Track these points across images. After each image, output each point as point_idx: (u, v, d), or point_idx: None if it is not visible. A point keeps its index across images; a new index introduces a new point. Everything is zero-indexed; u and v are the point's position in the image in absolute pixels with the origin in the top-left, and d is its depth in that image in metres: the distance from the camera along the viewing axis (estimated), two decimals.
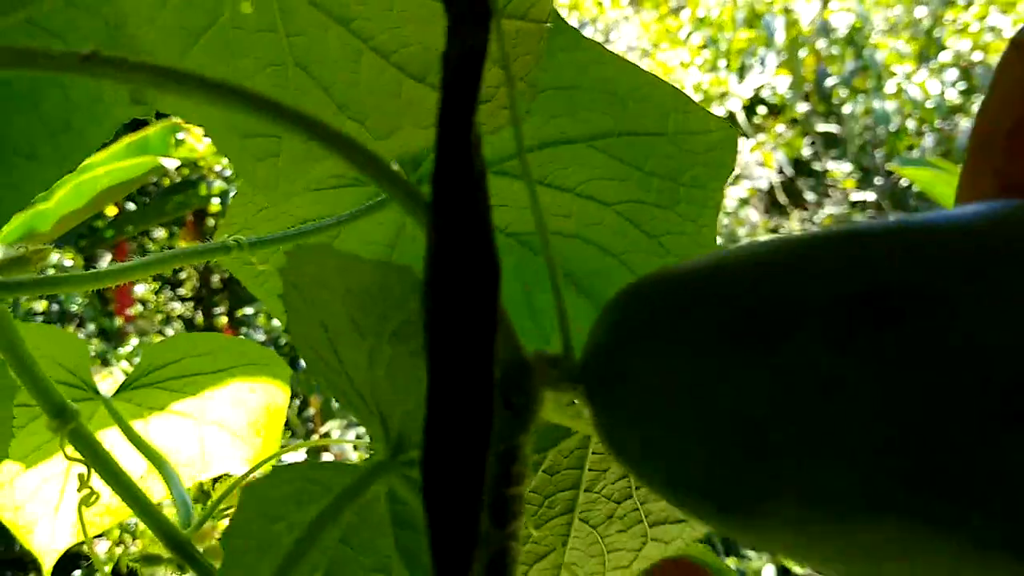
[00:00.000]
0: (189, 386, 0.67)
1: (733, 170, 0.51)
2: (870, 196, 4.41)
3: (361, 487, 0.33)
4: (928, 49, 4.60)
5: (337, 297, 0.31)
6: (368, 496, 0.34)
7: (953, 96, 4.42)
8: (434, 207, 0.23)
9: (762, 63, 4.52)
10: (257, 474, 0.63)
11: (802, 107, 4.52)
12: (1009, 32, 4.44)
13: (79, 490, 0.54)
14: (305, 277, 0.32)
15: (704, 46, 4.49)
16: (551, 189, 0.51)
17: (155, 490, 0.65)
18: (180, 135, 2.25)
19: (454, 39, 0.23)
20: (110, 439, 0.63)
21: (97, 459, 0.51)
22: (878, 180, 4.50)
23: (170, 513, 0.53)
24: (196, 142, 2.41)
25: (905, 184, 4.26)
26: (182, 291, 3.74)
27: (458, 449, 0.22)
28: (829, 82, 4.56)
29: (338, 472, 0.35)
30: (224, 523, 0.54)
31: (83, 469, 0.53)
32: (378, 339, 0.31)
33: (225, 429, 0.68)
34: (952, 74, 4.49)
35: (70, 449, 0.51)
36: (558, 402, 0.28)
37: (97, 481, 0.53)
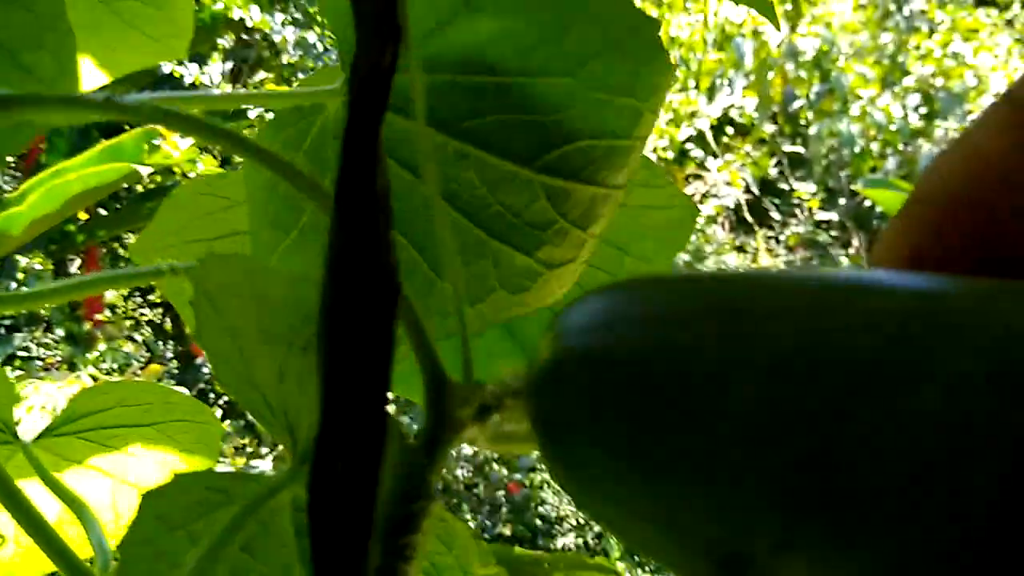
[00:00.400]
0: (113, 440, 0.63)
1: (685, 247, 0.51)
2: (834, 216, 4.49)
3: (268, 496, 0.33)
4: (892, 74, 4.69)
5: (248, 305, 0.31)
6: (277, 507, 0.34)
7: (915, 120, 4.50)
8: (334, 223, 0.22)
9: (731, 84, 4.58)
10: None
11: (769, 128, 4.59)
12: (971, 59, 4.55)
13: None
14: (216, 284, 0.32)
15: (675, 66, 4.53)
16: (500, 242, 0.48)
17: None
18: (155, 141, 2.27)
19: (361, 56, 0.23)
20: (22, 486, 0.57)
21: (11, 499, 0.47)
22: (842, 200, 4.57)
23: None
24: (171, 149, 2.43)
25: (869, 205, 4.34)
26: (152, 297, 3.74)
27: (347, 469, 0.21)
28: (796, 104, 4.63)
29: (241, 481, 0.34)
30: None
31: None
32: (288, 349, 0.30)
33: (149, 481, 0.64)
34: (915, 99, 4.58)
35: None
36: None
37: (8, 525, 0.50)
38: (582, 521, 3.40)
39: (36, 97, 0.37)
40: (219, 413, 3.09)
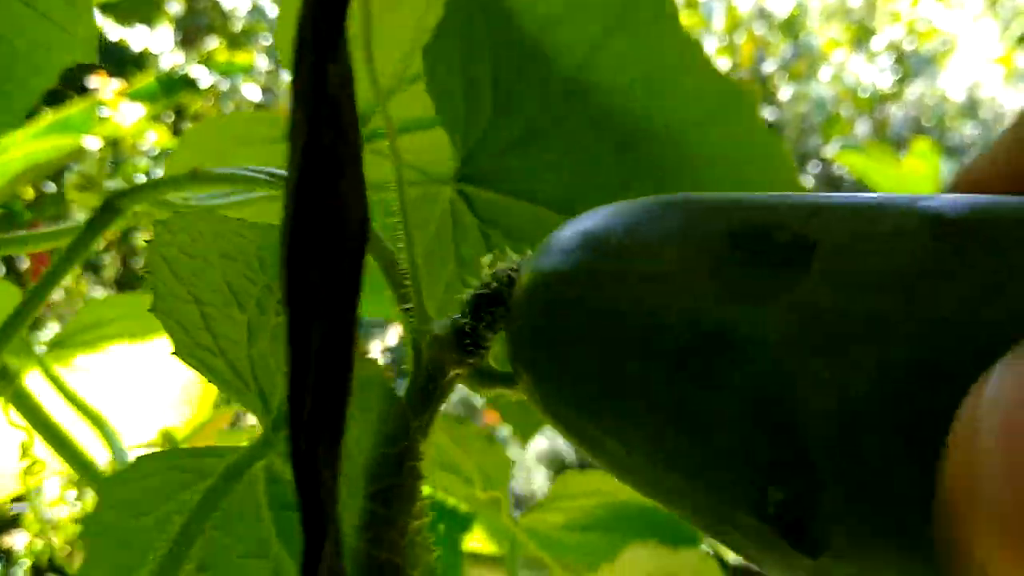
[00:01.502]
0: (120, 347, 0.65)
1: None
2: (807, 182, 4.46)
3: (242, 467, 0.32)
4: (862, 36, 4.67)
5: (214, 266, 0.30)
6: (245, 479, 0.33)
7: (887, 83, 4.49)
8: (291, 153, 0.21)
9: None
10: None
11: None
12: (940, 21, 4.53)
13: (21, 459, 0.53)
14: (177, 248, 0.31)
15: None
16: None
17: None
18: (103, 111, 2.15)
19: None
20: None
21: (38, 422, 0.50)
22: (813, 166, 4.55)
23: None
24: (121, 119, 2.31)
25: (839, 170, 4.31)
26: (105, 275, 3.63)
27: (319, 411, 0.21)
28: (767, 68, 4.60)
29: (209, 457, 0.33)
30: None
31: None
32: (261, 308, 0.30)
33: (153, 395, 0.65)
34: (885, 61, 4.55)
35: (13, 413, 0.51)
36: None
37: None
38: None
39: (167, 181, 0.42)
40: None
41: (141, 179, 2.65)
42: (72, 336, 0.65)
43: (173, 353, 0.33)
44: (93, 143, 2.31)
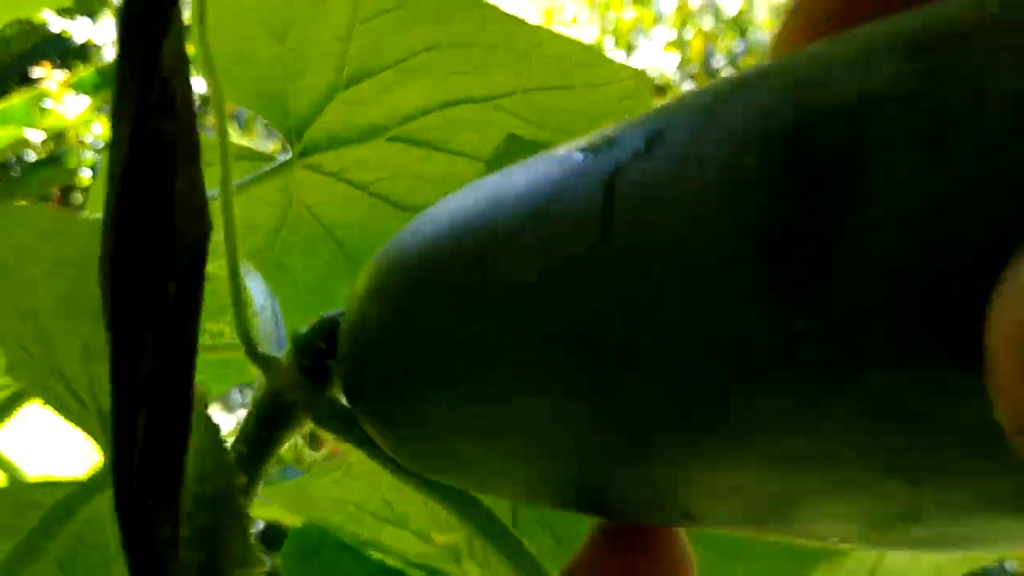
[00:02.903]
0: None
1: None
2: None
3: (77, 502, 0.28)
4: None
5: (45, 272, 0.27)
6: (93, 515, 0.28)
7: None
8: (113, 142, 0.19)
9: (651, 42, 4.57)
10: None
11: (688, 87, 4.59)
12: None
13: None
14: (9, 250, 0.27)
15: (601, 27, 4.50)
16: (451, 155, 0.47)
17: None
18: (46, 102, 2.11)
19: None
20: None
21: None
22: None
23: None
24: (64, 110, 2.27)
25: None
26: None
27: (152, 457, 0.19)
28: (716, 63, 4.65)
29: (54, 490, 0.29)
30: None
31: None
32: (95, 321, 0.26)
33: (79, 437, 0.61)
34: None
35: None
36: None
37: None
38: None
39: None
40: None
41: (86, 173, 2.60)
42: None
43: (6, 373, 0.29)
44: (36, 135, 2.26)
